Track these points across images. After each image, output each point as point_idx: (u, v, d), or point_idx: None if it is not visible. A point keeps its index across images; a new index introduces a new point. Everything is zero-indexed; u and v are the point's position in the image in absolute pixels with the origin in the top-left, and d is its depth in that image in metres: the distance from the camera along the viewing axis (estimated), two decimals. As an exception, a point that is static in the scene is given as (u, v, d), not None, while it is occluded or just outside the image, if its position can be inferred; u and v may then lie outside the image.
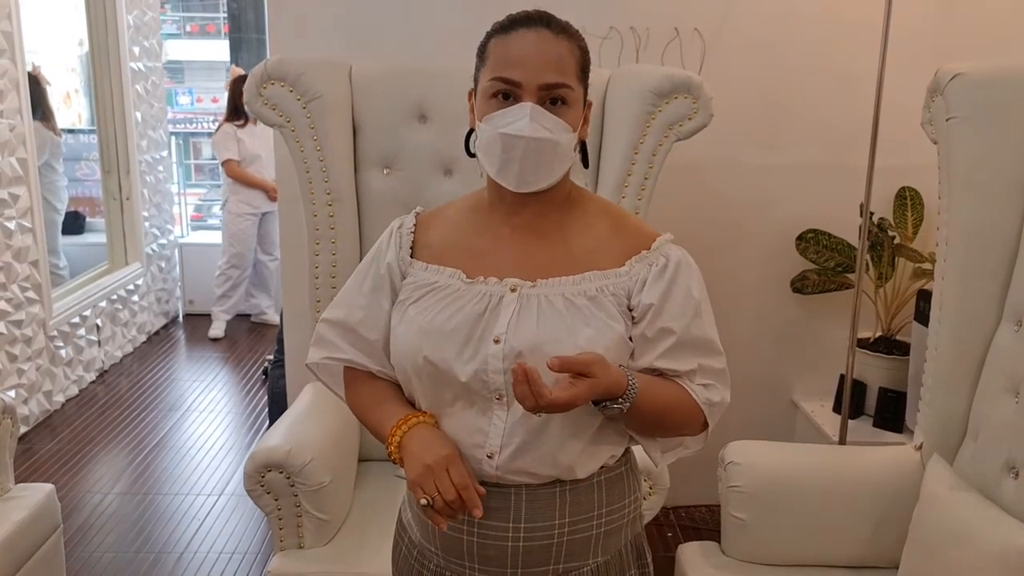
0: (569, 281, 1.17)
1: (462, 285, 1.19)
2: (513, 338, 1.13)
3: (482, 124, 1.17)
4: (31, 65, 4.46)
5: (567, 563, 1.21)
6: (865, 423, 2.81)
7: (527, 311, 1.15)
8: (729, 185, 2.87)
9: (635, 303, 1.17)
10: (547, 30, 1.15)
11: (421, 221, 1.29)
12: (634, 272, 1.18)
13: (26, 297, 3.86)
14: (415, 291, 1.22)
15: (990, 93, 1.79)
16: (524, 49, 1.14)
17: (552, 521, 1.19)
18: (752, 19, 2.74)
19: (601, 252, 1.20)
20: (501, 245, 1.22)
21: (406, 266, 1.25)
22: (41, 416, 4.01)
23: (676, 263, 1.19)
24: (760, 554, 1.94)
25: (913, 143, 2.37)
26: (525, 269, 1.18)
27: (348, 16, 2.69)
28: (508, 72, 1.14)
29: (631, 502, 1.28)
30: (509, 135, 1.13)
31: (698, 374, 1.19)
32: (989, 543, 1.54)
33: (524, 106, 1.13)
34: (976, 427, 1.81)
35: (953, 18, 2.73)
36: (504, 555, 1.19)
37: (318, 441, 1.98)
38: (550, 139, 1.14)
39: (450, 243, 1.25)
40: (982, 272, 1.82)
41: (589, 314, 1.14)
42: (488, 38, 1.19)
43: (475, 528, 1.19)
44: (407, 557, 1.31)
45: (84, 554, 2.88)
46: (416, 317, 1.19)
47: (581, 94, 1.19)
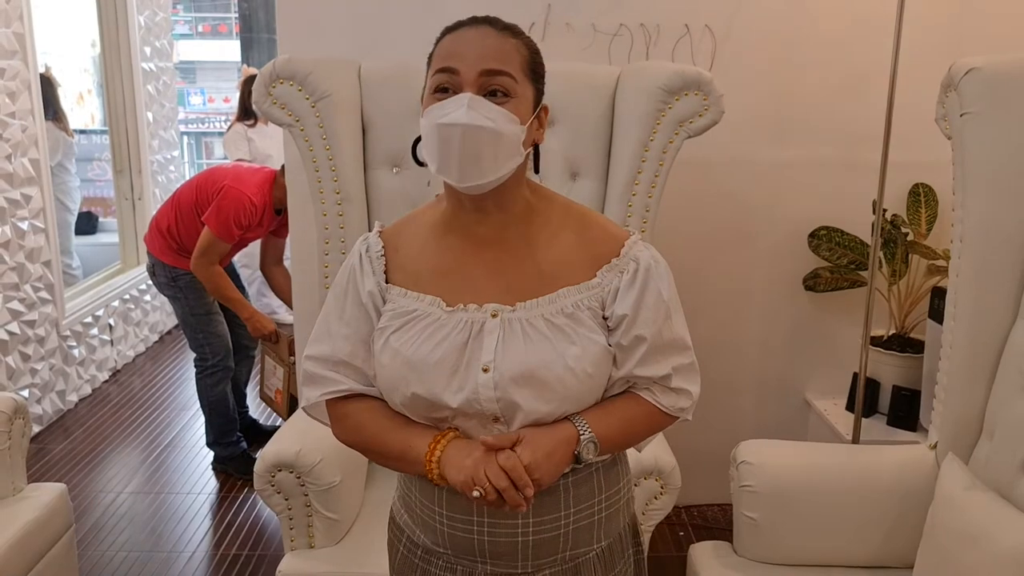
0: (546, 301, 1.17)
1: (443, 313, 1.18)
2: (503, 365, 1.14)
3: (423, 119, 1.15)
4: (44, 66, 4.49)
5: (573, 550, 1.24)
6: (879, 422, 2.79)
7: (511, 337, 1.15)
8: (740, 182, 2.85)
9: (609, 313, 1.19)
10: (490, 27, 1.15)
11: (387, 240, 1.26)
12: (605, 282, 1.19)
13: (39, 297, 3.88)
14: (395, 319, 1.20)
15: (1005, 88, 1.77)
16: (466, 43, 1.13)
17: (559, 512, 1.22)
18: (763, 15, 2.72)
19: (571, 264, 1.20)
20: (472, 265, 1.20)
21: (384, 291, 1.23)
22: (54, 416, 4.03)
23: (646, 268, 1.20)
24: (772, 554, 1.92)
25: (927, 139, 2.35)
26: (501, 292, 1.18)
27: (358, 15, 2.69)
28: (448, 62, 1.12)
29: (625, 485, 1.31)
30: (446, 124, 1.10)
31: (673, 377, 1.21)
32: (1005, 544, 1.52)
33: (462, 96, 1.11)
34: (992, 426, 1.79)
35: (967, 12, 2.70)
36: (515, 549, 1.21)
37: (328, 441, 1.95)
38: (491, 128, 1.10)
39: (421, 264, 1.23)
40: (997, 269, 1.80)
41: (571, 331, 1.16)
42: (437, 41, 1.18)
43: (484, 526, 1.21)
44: (408, 557, 1.31)
45: (96, 553, 2.89)
46: (400, 348, 1.17)
47: (531, 92, 1.17)
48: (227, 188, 3.17)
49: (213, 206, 3.16)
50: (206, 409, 3.47)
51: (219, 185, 3.20)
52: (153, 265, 3.35)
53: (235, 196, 3.16)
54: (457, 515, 1.22)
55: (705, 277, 2.90)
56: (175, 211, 3.30)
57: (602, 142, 2.28)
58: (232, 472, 3.47)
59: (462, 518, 1.22)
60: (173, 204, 3.33)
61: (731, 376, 2.96)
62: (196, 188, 3.28)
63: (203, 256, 3.17)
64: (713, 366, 1.30)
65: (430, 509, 1.25)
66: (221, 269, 3.25)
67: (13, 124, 3.68)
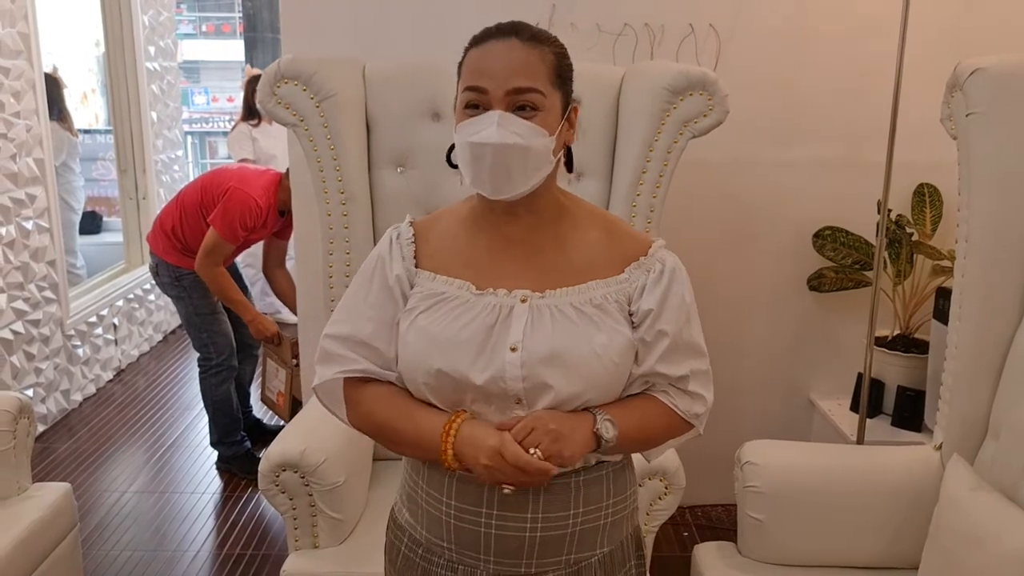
0: (575, 291, 1.21)
1: (472, 296, 1.21)
2: (531, 345, 1.16)
3: (456, 134, 1.19)
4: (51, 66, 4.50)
5: (578, 553, 1.24)
6: (883, 422, 2.79)
7: (540, 320, 1.18)
8: (745, 182, 2.85)
9: (635, 308, 1.22)
10: (516, 39, 1.17)
11: (417, 230, 1.29)
12: (633, 279, 1.23)
13: (43, 296, 3.89)
14: (423, 300, 1.22)
15: (1011, 88, 1.76)
16: (492, 58, 1.17)
17: (567, 511, 1.22)
18: (768, 14, 2.71)
19: (599, 261, 1.24)
20: (503, 258, 1.24)
21: (412, 276, 1.26)
22: (59, 415, 4.03)
23: (671, 269, 1.24)
24: (777, 554, 1.92)
25: (931, 139, 2.35)
26: (531, 281, 1.21)
27: (362, 15, 2.69)
28: (477, 81, 1.16)
29: (631, 494, 1.32)
30: (477, 143, 1.15)
31: (690, 380, 1.24)
32: (1011, 545, 1.52)
33: (492, 114, 1.15)
34: (997, 427, 1.79)
35: (971, 12, 2.70)
36: (521, 546, 1.22)
37: (332, 441, 1.98)
38: (520, 144, 1.15)
39: (451, 253, 1.26)
40: (1003, 269, 1.79)
41: (599, 321, 1.19)
42: (465, 51, 1.21)
43: (493, 520, 1.21)
44: (410, 556, 1.31)
45: (101, 553, 2.89)
46: (427, 327, 1.20)
47: (558, 99, 1.20)
48: (233, 190, 3.18)
49: (219, 207, 3.17)
50: (210, 409, 3.47)
51: (225, 186, 3.21)
52: (156, 265, 3.35)
53: (241, 198, 3.16)
54: (466, 506, 1.23)
55: (709, 277, 2.89)
56: (180, 211, 3.30)
57: (606, 142, 2.28)
58: (236, 472, 3.47)
59: (471, 510, 1.22)
60: (178, 204, 3.33)
61: (735, 376, 2.95)
62: (201, 189, 3.28)
63: (208, 257, 3.18)
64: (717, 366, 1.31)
65: (437, 501, 1.25)
66: (225, 270, 3.25)
67: (18, 124, 3.69)
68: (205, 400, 3.47)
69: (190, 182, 3.50)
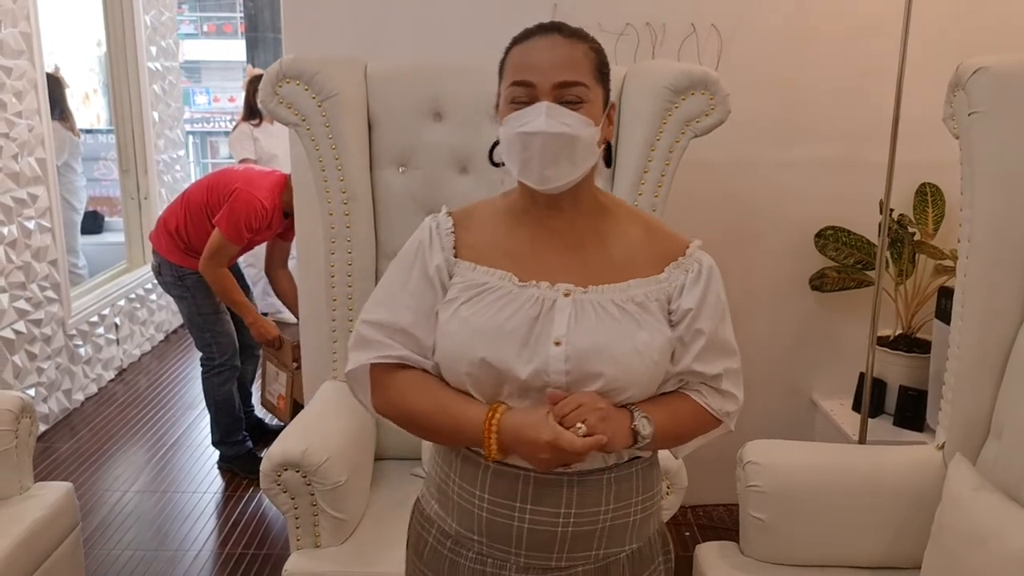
0: (617, 288, 1.22)
1: (514, 288, 1.22)
2: (575, 340, 1.18)
3: (502, 127, 1.21)
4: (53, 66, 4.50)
5: (607, 548, 1.25)
6: (885, 422, 2.79)
7: (583, 315, 1.19)
8: (747, 182, 2.85)
9: (674, 307, 1.25)
10: (559, 35, 1.20)
11: (456, 220, 1.30)
12: (672, 278, 1.25)
13: (45, 296, 3.89)
14: (465, 291, 1.23)
15: (1013, 87, 1.76)
16: (538, 53, 1.19)
17: (599, 507, 1.23)
18: (769, 14, 2.71)
19: (638, 260, 1.26)
20: (544, 250, 1.25)
21: (452, 266, 1.26)
22: (60, 415, 4.04)
23: (708, 269, 1.27)
24: (779, 554, 1.92)
25: (933, 138, 2.34)
26: (573, 275, 1.23)
27: (363, 15, 2.69)
28: (523, 75, 1.19)
29: (659, 491, 1.33)
30: (526, 133, 1.17)
31: (723, 379, 1.27)
32: (1013, 545, 1.52)
33: (540, 105, 1.17)
34: (1000, 426, 1.79)
35: (974, 11, 2.70)
36: (552, 540, 1.22)
37: (334, 440, 1.98)
38: (568, 133, 1.17)
39: (491, 244, 1.27)
40: (1005, 269, 1.79)
41: (641, 319, 1.21)
42: (506, 52, 1.24)
43: (526, 514, 1.22)
44: (438, 548, 1.30)
45: (103, 552, 2.89)
46: (470, 317, 1.20)
47: (600, 94, 1.22)
48: (239, 191, 3.17)
49: (224, 209, 3.16)
50: (212, 408, 3.47)
51: (231, 187, 3.21)
52: (159, 265, 3.35)
53: (246, 199, 3.16)
54: (499, 500, 1.23)
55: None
56: (184, 211, 3.30)
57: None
58: (238, 471, 3.47)
59: (504, 503, 1.23)
60: (182, 204, 3.33)
61: (737, 376, 2.95)
62: (207, 189, 3.28)
63: (212, 258, 3.18)
64: (719, 366, 1.33)
65: (470, 494, 1.25)
66: (229, 272, 3.25)
67: (20, 124, 3.69)
68: (207, 400, 3.47)
69: (195, 182, 3.50)
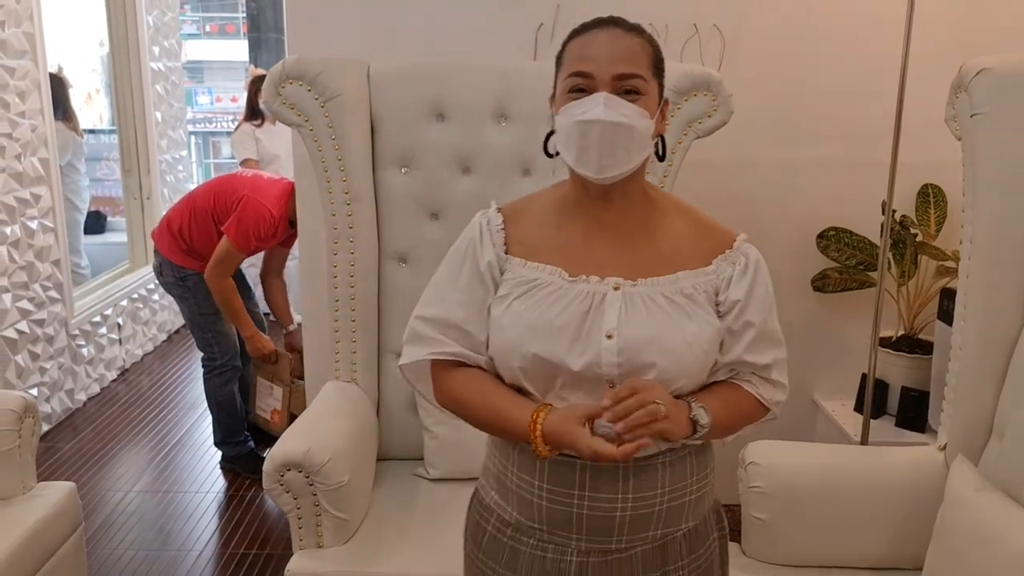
0: (666, 280, 1.25)
1: (565, 283, 1.24)
2: (627, 333, 1.20)
3: (559, 116, 1.24)
4: (56, 66, 4.50)
5: (665, 528, 1.28)
6: (887, 423, 2.78)
7: (633, 308, 1.22)
8: (749, 183, 2.85)
9: (722, 299, 1.27)
10: (619, 28, 1.23)
11: (506, 216, 1.32)
12: (720, 271, 1.28)
13: (48, 296, 3.90)
14: (517, 286, 1.26)
15: (1016, 88, 1.76)
16: (597, 45, 1.22)
17: (655, 490, 1.26)
18: (772, 14, 2.71)
19: (686, 252, 1.28)
20: (593, 243, 1.27)
21: (503, 262, 1.29)
22: (63, 414, 4.04)
23: (755, 261, 1.30)
24: (781, 555, 1.92)
25: (936, 139, 2.34)
26: (622, 268, 1.25)
27: (366, 15, 2.70)
28: (582, 66, 1.21)
29: (712, 470, 1.36)
30: (585, 121, 1.19)
31: (773, 368, 1.30)
32: (1015, 545, 1.52)
33: (599, 95, 1.19)
34: (1002, 427, 1.78)
35: (977, 12, 2.69)
36: (611, 524, 1.25)
37: (337, 440, 1.98)
38: (625, 123, 1.19)
39: (541, 238, 1.29)
40: (1007, 270, 1.79)
41: (690, 311, 1.24)
42: (564, 44, 1.26)
43: (585, 501, 1.25)
44: (497, 537, 1.33)
45: (105, 552, 2.90)
46: (523, 313, 1.23)
47: (656, 88, 1.25)
48: (247, 199, 3.17)
49: (233, 217, 3.16)
50: (214, 409, 3.47)
51: (239, 195, 3.20)
52: (160, 264, 3.35)
53: (255, 207, 3.16)
54: (558, 488, 1.25)
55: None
56: (190, 213, 3.29)
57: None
58: (240, 471, 3.47)
59: (563, 491, 1.25)
60: (188, 206, 3.32)
61: (739, 377, 2.95)
62: (214, 194, 3.27)
63: (218, 267, 3.18)
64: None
65: (529, 484, 1.28)
66: (233, 283, 3.25)
67: (23, 124, 3.70)
68: (209, 400, 3.47)
69: (202, 184, 3.49)
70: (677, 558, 1.30)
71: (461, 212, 2.35)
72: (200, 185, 3.51)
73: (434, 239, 2.34)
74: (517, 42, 2.70)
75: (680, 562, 1.30)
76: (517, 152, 2.33)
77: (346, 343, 2.31)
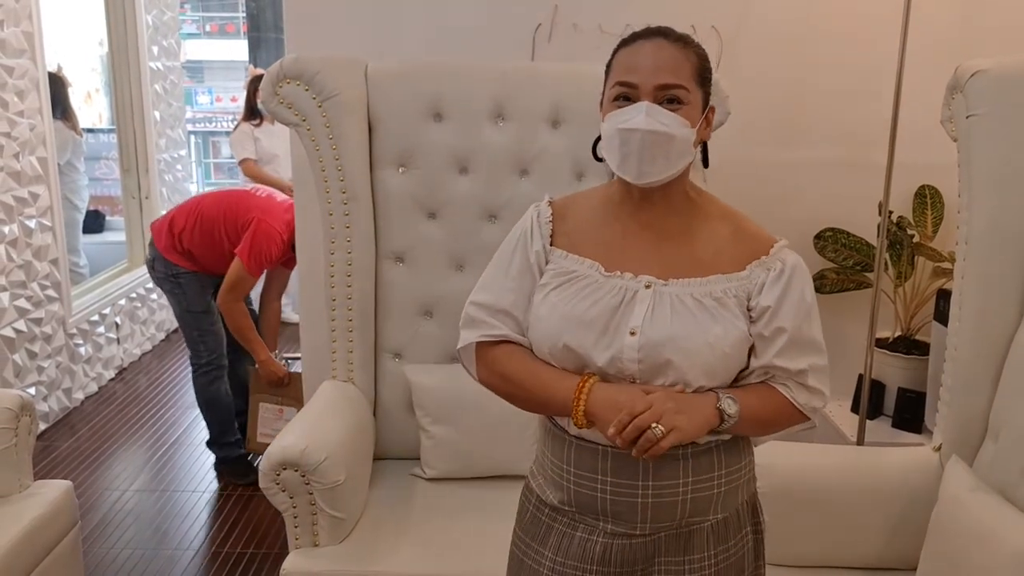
0: (697, 282, 1.28)
1: (600, 277, 1.30)
2: (649, 331, 1.24)
3: (604, 123, 1.30)
4: (56, 65, 4.51)
5: (690, 518, 1.31)
6: (884, 424, 2.79)
7: (661, 307, 1.26)
8: (746, 183, 2.83)
9: (754, 304, 1.29)
10: (664, 39, 1.28)
11: (556, 210, 1.38)
12: (754, 276, 1.30)
13: (46, 295, 3.90)
14: (555, 277, 1.32)
15: (1011, 90, 1.77)
16: (643, 56, 1.27)
17: (676, 480, 1.29)
18: (770, 16, 2.72)
19: (724, 257, 1.31)
20: (633, 242, 1.32)
21: (548, 253, 1.36)
22: (60, 413, 4.04)
23: (792, 268, 1.30)
24: (777, 555, 1.91)
25: (933, 141, 2.34)
26: (657, 268, 1.29)
27: (364, 15, 2.70)
28: (627, 76, 1.27)
29: (746, 464, 1.38)
30: (626, 129, 1.25)
31: (808, 375, 1.30)
32: (1009, 545, 1.52)
33: (640, 104, 1.25)
34: (996, 428, 1.79)
35: (973, 14, 2.70)
36: (634, 510, 1.30)
37: (333, 439, 1.99)
38: (665, 132, 1.24)
39: (585, 233, 1.35)
40: (1002, 271, 1.80)
41: (716, 313, 1.26)
42: (613, 53, 1.32)
43: (608, 486, 1.30)
44: (536, 515, 1.39)
45: (102, 551, 2.90)
46: (558, 303, 1.30)
47: (699, 97, 1.29)
48: (259, 222, 3.17)
49: (246, 241, 3.15)
50: (203, 408, 3.44)
51: (249, 216, 3.19)
52: (154, 259, 3.32)
53: (267, 230, 3.16)
54: (584, 472, 1.31)
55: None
56: (195, 220, 3.25)
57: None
58: (229, 476, 3.44)
59: (588, 476, 1.31)
60: (195, 211, 3.28)
61: (736, 377, 2.95)
62: (224, 209, 3.25)
63: (231, 292, 3.18)
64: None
65: (559, 468, 1.34)
66: (245, 308, 3.25)
67: (21, 123, 3.70)
68: (198, 400, 3.44)
69: (212, 192, 3.48)
70: (703, 548, 1.33)
71: (458, 212, 2.35)
72: (210, 193, 3.49)
73: (431, 239, 2.35)
74: (515, 42, 2.70)
75: (706, 552, 1.33)
76: (514, 152, 2.33)
77: (343, 342, 2.31)
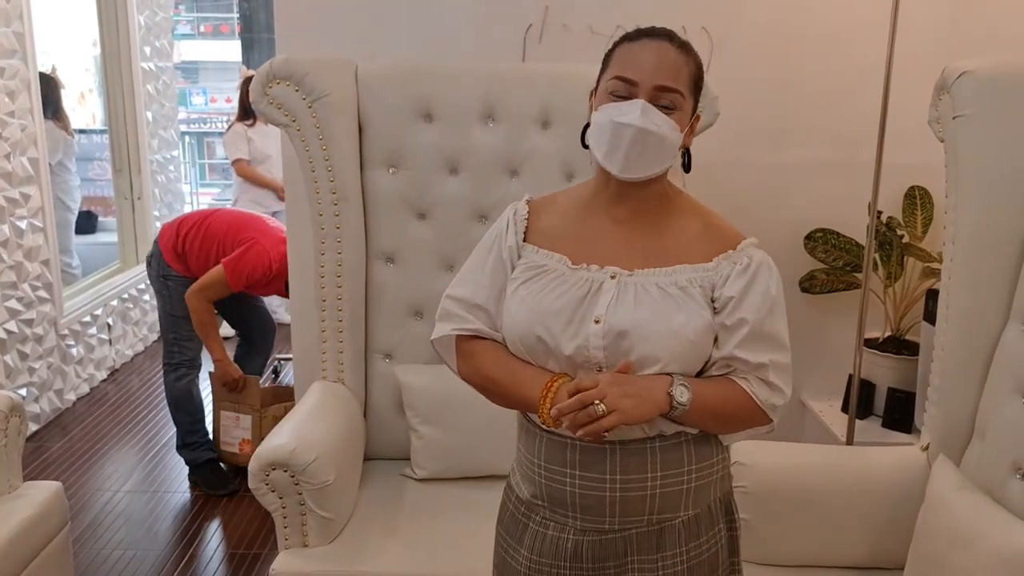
0: (662, 272, 1.30)
1: (567, 270, 1.33)
2: (612, 319, 1.26)
3: (596, 113, 1.32)
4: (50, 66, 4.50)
5: (660, 514, 1.32)
6: (874, 423, 2.79)
7: (624, 296, 1.28)
8: (737, 184, 2.85)
9: (718, 295, 1.31)
10: (669, 43, 1.30)
11: (533, 208, 1.42)
12: (720, 268, 1.31)
13: (37, 296, 3.89)
14: (525, 272, 1.36)
15: (997, 91, 1.77)
16: (646, 55, 1.29)
17: (645, 474, 1.30)
18: (760, 17, 2.72)
19: (692, 250, 1.33)
20: (603, 236, 1.35)
21: (520, 248, 1.39)
22: (52, 414, 4.03)
23: (758, 263, 1.32)
24: (764, 555, 1.92)
25: (923, 141, 2.34)
26: (624, 260, 1.32)
27: (355, 16, 2.70)
28: (628, 72, 1.29)
29: (719, 461, 1.38)
30: (620, 123, 1.27)
31: (769, 370, 1.32)
32: (995, 545, 1.53)
33: (637, 102, 1.27)
34: (983, 428, 1.80)
35: (961, 15, 2.70)
36: (603, 504, 1.31)
37: (323, 440, 1.99)
38: (656, 133, 1.27)
39: (559, 229, 1.38)
40: (989, 271, 1.80)
41: (680, 302, 1.28)
42: (615, 45, 1.34)
43: (576, 480, 1.31)
44: (514, 513, 1.42)
45: (93, 551, 2.90)
46: (526, 297, 1.33)
47: (690, 105, 1.32)
48: (256, 242, 3.20)
49: (237, 253, 3.17)
50: (171, 407, 3.41)
51: (248, 235, 3.23)
52: (152, 255, 3.34)
53: (259, 252, 3.18)
54: (554, 467, 1.33)
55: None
56: (202, 230, 3.28)
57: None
58: (202, 487, 3.35)
59: (557, 470, 1.33)
60: (203, 222, 3.31)
61: (727, 377, 2.95)
62: (230, 225, 3.28)
63: (203, 291, 3.19)
64: (708, 367, 1.35)
65: (531, 462, 1.37)
66: (212, 308, 3.26)
67: (12, 123, 3.69)
68: (167, 396, 3.42)
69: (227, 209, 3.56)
70: (675, 544, 1.33)
71: (448, 212, 2.35)
72: (228, 209, 3.56)
73: (421, 239, 2.35)
74: (505, 43, 2.70)
75: (678, 548, 1.33)
76: (504, 153, 2.33)
77: (333, 343, 2.31)
